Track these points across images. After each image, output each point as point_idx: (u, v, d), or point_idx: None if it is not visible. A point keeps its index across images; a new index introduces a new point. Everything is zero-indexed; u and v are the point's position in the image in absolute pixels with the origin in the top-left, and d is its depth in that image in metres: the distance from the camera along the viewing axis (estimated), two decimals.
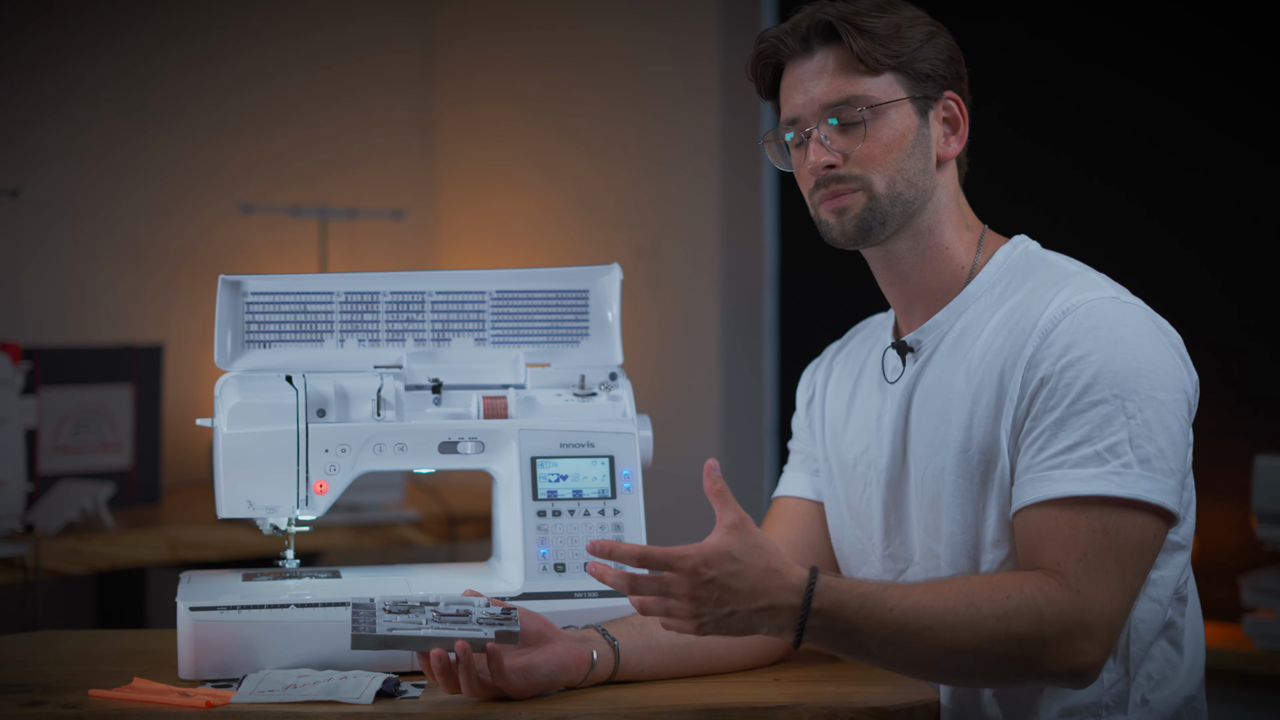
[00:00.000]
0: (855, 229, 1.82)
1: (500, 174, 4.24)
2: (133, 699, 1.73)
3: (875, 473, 1.88)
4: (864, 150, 1.80)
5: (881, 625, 1.63)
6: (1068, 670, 1.64)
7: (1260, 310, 3.24)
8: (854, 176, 1.80)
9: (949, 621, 1.62)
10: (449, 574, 2.08)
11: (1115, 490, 1.65)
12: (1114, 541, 1.65)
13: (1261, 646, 2.98)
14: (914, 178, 1.82)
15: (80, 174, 3.72)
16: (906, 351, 1.87)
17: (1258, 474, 2.94)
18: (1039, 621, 1.62)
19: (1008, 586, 1.64)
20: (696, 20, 3.80)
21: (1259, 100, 3.22)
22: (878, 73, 1.80)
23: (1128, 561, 1.66)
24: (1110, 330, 1.70)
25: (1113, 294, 1.75)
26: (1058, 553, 1.65)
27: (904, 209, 1.82)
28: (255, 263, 3.94)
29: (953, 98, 1.85)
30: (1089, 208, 3.40)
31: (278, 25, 4.08)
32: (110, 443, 3.32)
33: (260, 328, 2.02)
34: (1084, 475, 1.66)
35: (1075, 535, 1.65)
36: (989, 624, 1.62)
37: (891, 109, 1.80)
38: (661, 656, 1.84)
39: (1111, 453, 1.66)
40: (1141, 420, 1.67)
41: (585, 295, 2.10)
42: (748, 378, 3.84)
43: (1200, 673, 1.83)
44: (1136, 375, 1.68)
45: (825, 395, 2.01)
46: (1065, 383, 1.70)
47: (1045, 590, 1.63)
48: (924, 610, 1.63)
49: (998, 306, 1.81)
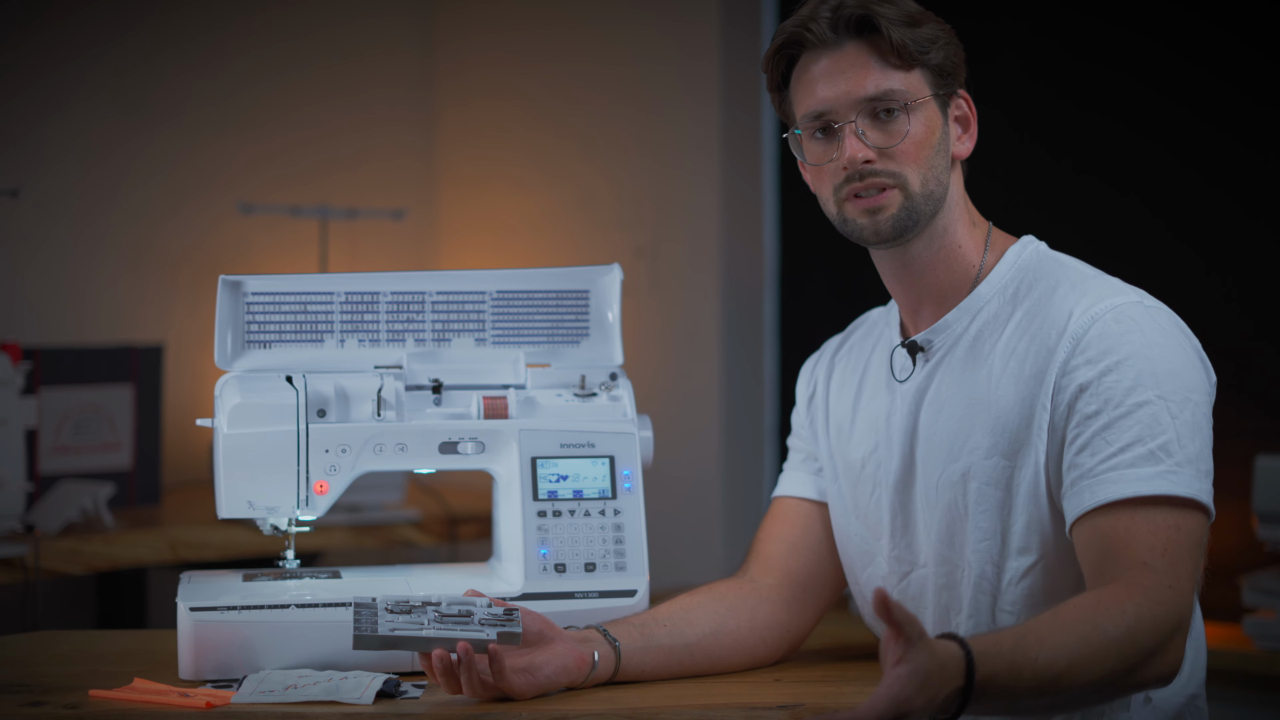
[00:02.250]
0: (891, 228, 1.80)
1: (500, 174, 4.24)
2: (133, 699, 1.73)
3: (884, 474, 1.88)
4: (902, 147, 1.78)
5: (1031, 684, 1.54)
6: (1171, 669, 1.63)
7: (1261, 310, 3.24)
8: (889, 173, 1.79)
9: (1084, 655, 1.57)
10: (449, 574, 2.08)
11: (1176, 489, 1.66)
12: (1184, 538, 1.66)
13: (1261, 646, 2.97)
14: (941, 175, 1.82)
15: (80, 174, 3.72)
16: (917, 351, 1.86)
17: (1258, 474, 2.94)
18: (1155, 627, 1.60)
19: (1121, 601, 1.60)
20: (696, 20, 3.79)
21: (1259, 100, 3.22)
22: (910, 68, 1.79)
23: (1191, 560, 1.66)
24: (1144, 334, 1.72)
25: (1137, 298, 1.77)
26: (1142, 552, 1.64)
27: (933, 207, 1.82)
28: (255, 263, 3.94)
29: (964, 96, 1.85)
30: (1089, 208, 3.40)
31: (278, 25, 4.08)
32: (110, 443, 3.31)
33: (260, 328, 2.02)
34: (1145, 474, 1.67)
35: (1154, 533, 1.65)
36: (1119, 645, 1.58)
37: (924, 106, 1.80)
38: (662, 657, 1.84)
39: (1164, 451, 1.67)
40: (1183, 421, 1.69)
41: (585, 295, 2.10)
42: (748, 378, 3.84)
43: (1202, 671, 1.83)
44: (1173, 377, 1.70)
45: (829, 393, 2.00)
46: (1107, 386, 1.70)
47: (1151, 595, 1.61)
48: (1061, 650, 1.55)
49: (1013, 309, 1.81)
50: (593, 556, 1.96)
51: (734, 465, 3.80)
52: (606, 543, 1.97)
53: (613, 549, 1.97)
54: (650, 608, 1.92)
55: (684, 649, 1.86)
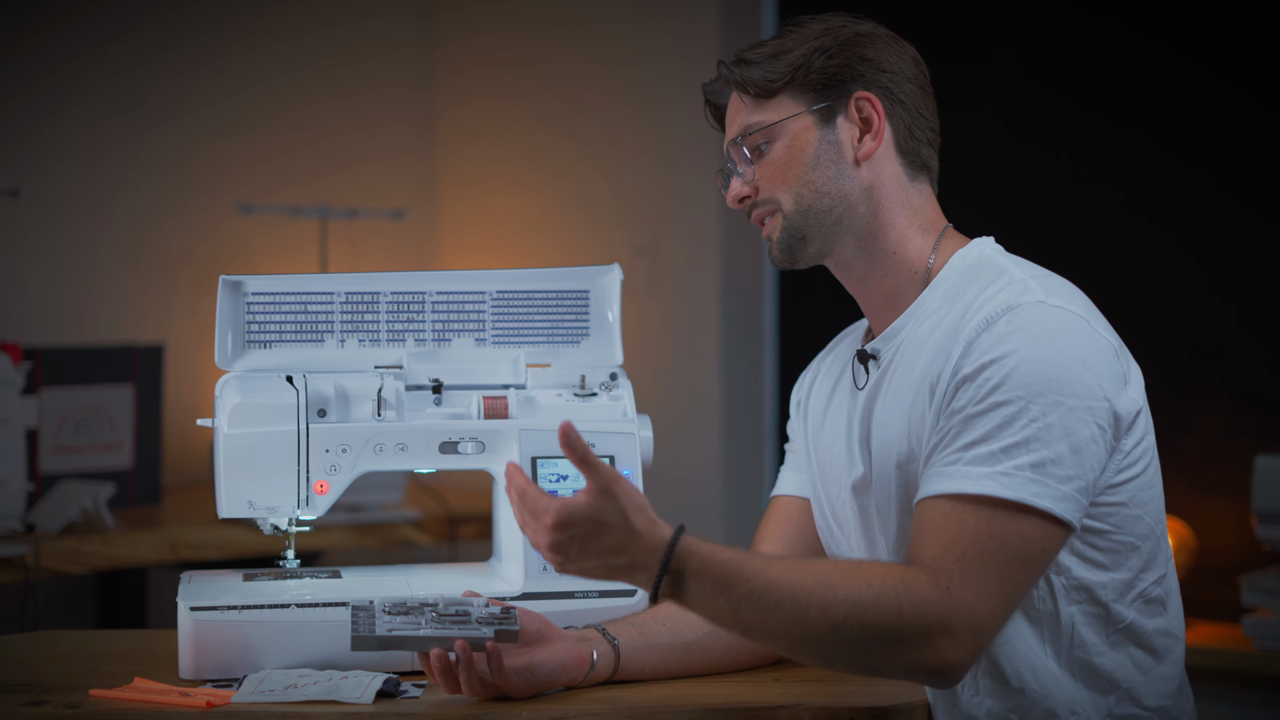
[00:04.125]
0: (781, 252, 1.85)
1: (500, 174, 4.24)
2: (133, 699, 1.73)
3: (847, 477, 1.88)
4: (765, 173, 1.83)
5: (736, 594, 1.62)
6: (923, 667, 1.61)
7: (1259, 310, 3.24)
8: (765, 200, 1.84)
9: (802, 601, 1.61)
10: (449, 574, 2.08)
11: (1001, 491, 1.62)
12: (998, 546, 1.62)
13: (1261, 646, 2.98)
14: (824, 187, 1.81)
15: (80, 174, 3.73)
16: (868, 359, 1.86)
17: (1258, 474, 2.94)
18: (897, 614, 1.59)
19: (871, 575, 1.62)
20: (697, 20, 3.80)
21: (1259, 100, 3.22)
22: (770, 97, 1.82)
23: (1009, 569, 1.62)
24: (1030, 334, 1.67)
25: (1039, 298, 1.70)
26: (937, 549, 1.63)
27: (820, 220, 1.82)
28: (255, 263, 3.95)
29: (864, 96, 1.81)
30: (1088, 208, 3.41)
31: (278, 25, 4.08)
32: (111, 443, 3.32)
33: (261, 328, 2.02)
34: (975, 473, 1.64)
35: (959, 534, 1.62)
36: (841, 609, 1.60)
37: (784, 128, 1.81)
38: (662, 656, 1.85)
39: (1006, 454, 1.64)
40: (1044, 424, 1.64)
41: (585, 295, 2.10)
42: (748, 378, 3.84)
43: (1177, 679, 1.78)
44: (1047, 379, 1.65)
45: (809, 398, 2.01)
46: (977, 383, 1.67)
47: (910, 584, 1.61)
48: (780, 585, 1.61)
49: (947, 313, 1.78)
50: None
51: (734, 465, 3.81)
52: None
53: None
54: (650, 607, 1.92)
55: (683, 648, 1.86)
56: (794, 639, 1.63)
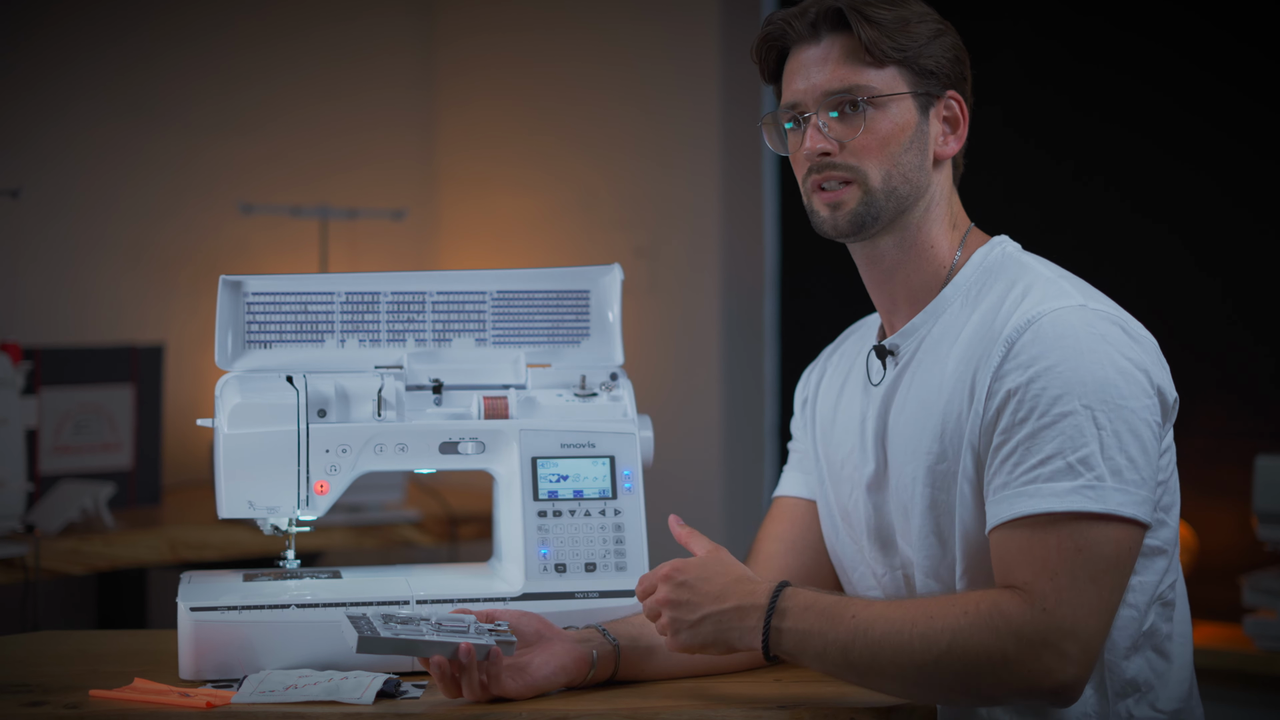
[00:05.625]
0: (848, 224, 1.81)
1: (500, 174, 4.24)
2: (133, 699, 1.73)
3: (860, 475, 1.88)
4: (861, 141, 1.79)
5: (843, 631, 1.65)
6: (1036, 688, 1.61)
7: (1260, 311, 3.24)
8: (848, 166, 1.79)
9: (905, 633, 1.63)
10: (449, 574, 2.07)
11: (1090, 505, 1.63)
12: (1087, 558, 1.63)
13: (1262, 647, 2.98)
14: (909, 173, 1.81)
15: (80, 174, 3.72)
16: (886, 355, 1.86)
17: (1258, 474, 2.94)
18: (996, 638, 1.60)
19: (966, 603, 1.63)
20: (696, 20, 3.80)
21: (1260, 100, 3.22)
22: (882, 65, 1.79)
23: (1103, 577, 1.63)
24: (1076, 340, 1.68)
25: (1079, 301, 1.72)
26: (1028, 572, 1.63)
27: (897, 204, 1.81)
28: (256, 263, 3.94)
29: (954, 97, 1.83)
30: (1089, 209, 3.40)
31: (278, 25, 4.08)
32: (111, 443, 3.32)
33: (261, 328, 2.02)
34: (1058, 490, 1.64)
35: (1046, 555, 1.63)
36: (943, 638, 1.62)
37: (893, 102, 1.79)
38: (662, 657, 1.84)
39: (1085, 465, 1.64)
40: (1112, 430, 1.65)
41: (586, 295, 2.10)
42: (748, 378, 3.84)
43: (1188, 682, 1.80)
44: (1104, 384, 1.66)
45: (817, 396, 2.01)
46: (1033, 394, 1.67)
47: (1004, 607, 1.61)
48: (884, 620, 1.65)
49: (972, 311, 1.79)
50: (593, 556, 1.96)
51: (734, 465, 3.80)
52: (607, 543, 1.97)
53: (613, 549, 1.97)
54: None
55: None
56: (907, 676, 1.64)
